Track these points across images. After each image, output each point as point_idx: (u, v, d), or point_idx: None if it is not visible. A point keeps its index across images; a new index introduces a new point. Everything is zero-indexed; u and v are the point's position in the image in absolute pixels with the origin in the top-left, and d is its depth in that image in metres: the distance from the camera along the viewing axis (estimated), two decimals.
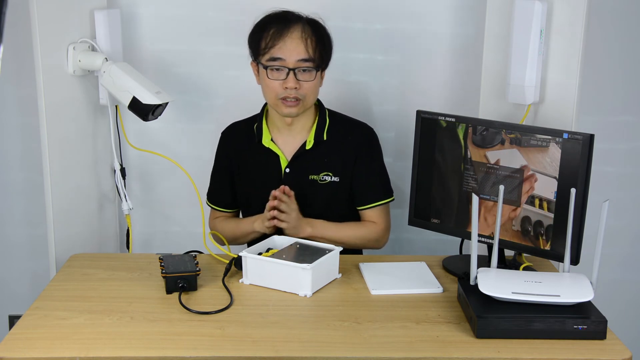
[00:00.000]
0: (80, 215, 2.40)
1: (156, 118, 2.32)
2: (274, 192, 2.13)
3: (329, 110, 2.29)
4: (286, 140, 2.25)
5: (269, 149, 2.25)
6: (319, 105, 2.28)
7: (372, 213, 2.27)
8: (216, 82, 2.63)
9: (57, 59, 2.24)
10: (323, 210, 2.24)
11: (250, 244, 2.29)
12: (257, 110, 2.39)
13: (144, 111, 2.25)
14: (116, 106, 2.45)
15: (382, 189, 2.28)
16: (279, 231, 2.16)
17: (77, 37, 2.31)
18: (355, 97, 2.63)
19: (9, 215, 2.69)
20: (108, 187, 2.55)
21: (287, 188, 2.15)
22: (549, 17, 2.17)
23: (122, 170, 2.50)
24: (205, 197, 2.40)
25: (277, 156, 2.24)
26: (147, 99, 2.23)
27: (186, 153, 2.66)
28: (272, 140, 2.25)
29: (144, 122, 2.30)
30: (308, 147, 2.22)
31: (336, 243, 2.14)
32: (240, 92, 2.64)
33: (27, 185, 2.65)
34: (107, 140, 2.47)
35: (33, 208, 2.65)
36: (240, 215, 2.42)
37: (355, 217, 2.31)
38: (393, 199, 2.31)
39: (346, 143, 2.24)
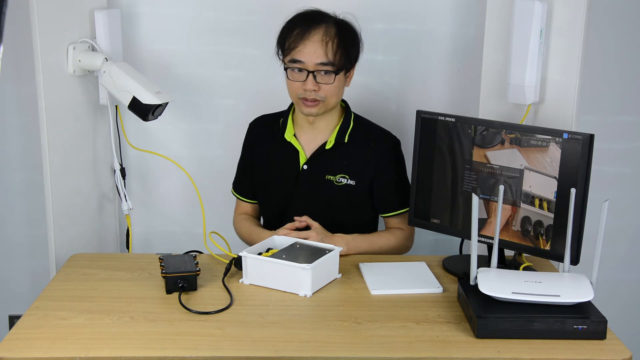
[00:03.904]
0: (80, 215, 2.40)
1: (156, 118, 2.32)
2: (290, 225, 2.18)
3: (355, 114, 2.30)
4: (308, 137, 2.27)
5: (290, 144, 2.26)
6: (345, 107, 2.30)
7: (397, 220, 2.30)
8: (216, 82, 2.63)
9: (57, 59, 2.24)
10: (342, 213, 2.26)
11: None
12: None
13: (144, 111, 2.25)
14: (116, 106, 2.45)
15: (405, 198, 2.27)
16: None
17: (77, 37, 2.31)
18: (355, 97, 2.63)
19: (9, 215, 2.69)
20: (108, 187, 2.55)
21: (300, 219, 2.18)
22: (549, 17, 2.17)
23: (122, 170, 2.50)
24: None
25: (297, 152, 2.26)
26: (147, 99, 2.23)
27: (186, 153, 2.66)
28: (294, 135, 2.27)
29: (144, 122, 2.30)
30: (328, 147, 2.23)
31: (372, 253, 2.20)
32: (241, 92, 2.64)
33: (27, 185, 2.65)
34: (107, 140, 2.47)
35: (33, 208, 2.65)
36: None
37: (373, 223, 2.35)
38: None
39: (368, 149, 2.25)
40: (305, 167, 2.25)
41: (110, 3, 2.47)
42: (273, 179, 2.30)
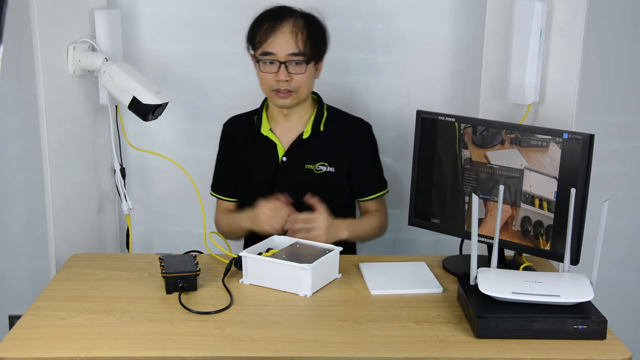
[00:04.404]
0: (80, 215, 2.40)
1: (156, 118, 2.32)
2: (276, 198, 2.18)
3: (327, 104, 2.35)
4: (284, 130, 2.31)
5: (267, 138, 2.30)
6: (317, 99, 2.34)
7: (374, 203, 2.36)
8: (216, 82, 2.64)
9: (57, 59, 2.24)
10: (323, 202, 2.27)
11: (249, 240, 2.31)
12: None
13: (144, 111, 2.25)
14: (116, 106, 2.45)
15: (380, 180, 2.37)
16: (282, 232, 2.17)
17: (77, 37, 2.31)
18: (355, 97, 2.63)
19: (9, 215, 2.69)
20: (108, 187, 2.55)
21: (308, 198, 2.19)
22: (549, 17, 2.17)
23: (122, 170, 2.50)
24: (209, 189, 2.43)
25: (275, 145, 2.30)
26: (147, 99, 2.23)
27: (186, 153, 2.66)
28: (270, 130, 2.31)
29: (144, 122, 2.30)
30: (305, 136, 2.28)
31: (364, 239, 2.29)
32: (240, 92, 2.63)
33: (27, 185, 2.65)
34: (107, 140, 2.47)
35: (33, 208, 2.65)
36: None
37: (350, 209, 2.38)
38: (388, 190, 2.39)
39: (343, 136, 2.30)
40: (284, 158, 2.29)
41: (110, 3, 2.47)
42: (253, 175, 2.33)
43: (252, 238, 2.23)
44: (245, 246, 2.03)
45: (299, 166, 2.29)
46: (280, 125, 2.31)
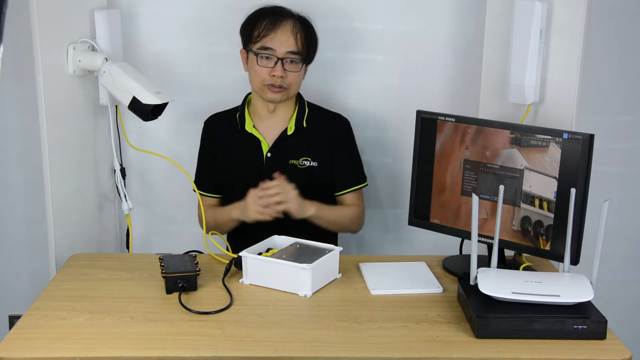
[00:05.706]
0: (80, 215, 2.39)
1: (156, 118, 2.32)
2: (262, 185, 2.19)
3: (307, 101, 2.40)
4: (267, 127, 2.35)
5: (251, 134, 2.34)
6: (298, 96, 2.39)
7: (352, 196, 2.39)
8: (216, 82, 2.64)
9: (57, 59, 2.24)
10: (307, 197, 2.31)
11: (232, 234, 2.34)
12: None
13: (144, 111, 2.25)
14: (116, 106, 2.45)
15: (358, 174, 2.41)
16: (276, 229, 2.16)
17: (77, 37, 2.31)
18: (355, 97, 2.63)
19: (9, 215, 2.69)
20: (108, 187, 2.55)
21: (276, 175, 2.21)
22: (549, 17, 2.17)
23: (122, 170, 2.50)
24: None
25: (259, 141, 2.34)
26: (147, 99, 2.23)
27: (186, 153, 2.65)
28: (254, 127, 2.35)
29: (144, 122, 2.30)
30: (289, 132, 2.33)
31: (333, 224, 2.30)
32: (240, 92, 2.63)
33: (27, 185, 2.65)
34: (107, 140, 2.47)
35: (33, 208, 2.64)
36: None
37: (331, 203, 2.42)
38: (367, 184, 2.42)
39: (324, 131, 2.36)
40: (269, 154, 2.33)
41: (110, 3, 2.47)
42: (238, 171, 2.35)
43: (250, 238, 2.23)
44: (244, 246, 2.03)
45: (283, 161, 2.33)
46: (264, 122, 2.35)
